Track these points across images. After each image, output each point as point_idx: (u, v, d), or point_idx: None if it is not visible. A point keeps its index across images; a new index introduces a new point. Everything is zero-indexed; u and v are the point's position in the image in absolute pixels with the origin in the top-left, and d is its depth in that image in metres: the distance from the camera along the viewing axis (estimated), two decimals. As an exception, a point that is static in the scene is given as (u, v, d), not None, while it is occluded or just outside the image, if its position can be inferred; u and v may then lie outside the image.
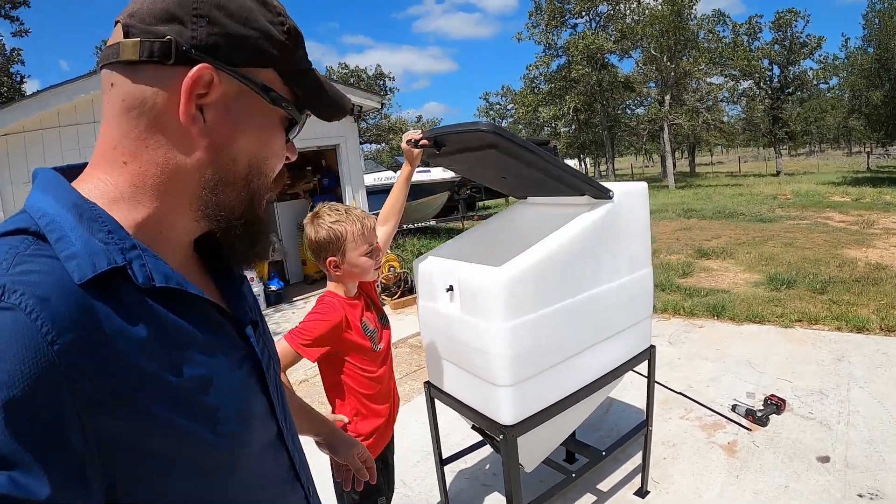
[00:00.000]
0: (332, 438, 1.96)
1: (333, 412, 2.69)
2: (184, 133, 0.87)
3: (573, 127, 43.76)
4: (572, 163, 67.50)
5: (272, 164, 1.01)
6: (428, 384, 3.52)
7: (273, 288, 12.14)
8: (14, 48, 22.69)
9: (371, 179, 16.76)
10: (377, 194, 15.62)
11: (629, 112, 44.27)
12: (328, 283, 2.71)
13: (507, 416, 2.81)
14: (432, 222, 19.17)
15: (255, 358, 1.04)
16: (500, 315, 2.68)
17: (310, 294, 12.52)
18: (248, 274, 11.51)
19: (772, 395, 4.99)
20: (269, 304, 11.92)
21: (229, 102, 0.90)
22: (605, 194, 3.19)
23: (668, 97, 36.36)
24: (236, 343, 1.01)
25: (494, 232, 3.92)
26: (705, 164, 69.68)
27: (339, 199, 12.66)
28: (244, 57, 0.90)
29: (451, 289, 2.98)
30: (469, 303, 2.86)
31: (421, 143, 2.92)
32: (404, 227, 17.75)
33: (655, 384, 3.81)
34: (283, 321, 10.70)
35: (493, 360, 2.76)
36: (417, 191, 16.90)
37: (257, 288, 11.68)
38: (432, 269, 3.20)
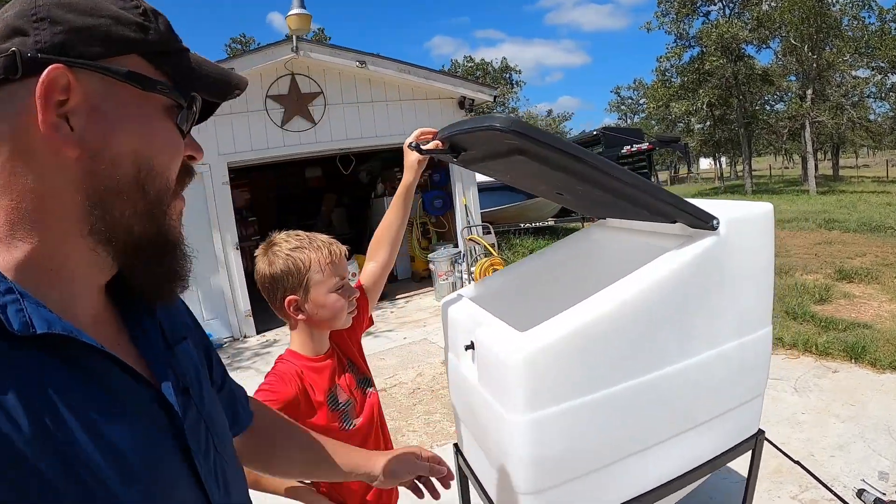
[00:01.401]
0: (376, 468, 1.61)
1: None
2: (52, 148, 0.79)
3: (707, 123, 41.96)
4: (706, 162, 65.52)
5: (164, 162, 0.90)
6: (456, 448, 2.94)
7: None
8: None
9: (486, 177, 16.11)
10: (491, 192, 15.19)
11: (768, 108, 41.62)
12: (292, 337, 2.13)
13: None
14: (551, 222, 18.48)
15: (178, 428, 0.93)
16: (519, 402, 1.99)
17: (415, 293, 12.19)
18: (350, 268, 11.34)
19: (912, 483, 3.95)
20: None
21: (97, 101, 0.82)
22: (704, 223, 2.30)
23: (809, 92, 33.67)
24: (148, 410, 0.89)
25: (559, 264, 3.17)
26: (850, 167, 64.76)
27: (450, 196, 12.59)
28: (100, 47, 0.82)
29: (470, 346, 2.35)
30: (486, 374, 2.21)
31: (427, 146, 2.26)
32: (521, 225, 17.20)
33: (774, 447, 3.00)
34: (380, 322, 10.29)
35: (509, 459, 2.10)
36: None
37: None
38: (457, 315, 2.57)
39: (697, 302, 2.31)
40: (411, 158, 2.28)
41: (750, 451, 2.79)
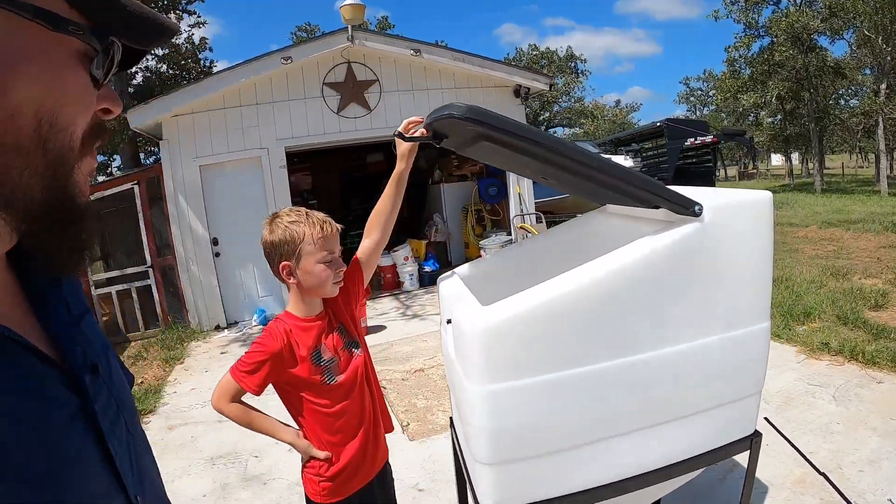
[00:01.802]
0: None
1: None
2: None
3: (778, 117, 40.64)
4: (777, 158, 63.42)
5: (71, 116, 0.76)
6: (451, 420, 3.03)
7: (427, 269, 12.24)
8: (202, 37, 24.09)
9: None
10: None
11: (841, 103, 40.32)
12: (288, 298, 2.46)
13: (486, 498, 2.21)
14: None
15: (89, 410, 0.85)
16: (478, 374, 2.05)
17: None
18: (403, 252, 11.66)
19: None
20: (421, 285, 12.09)
21: None
22: (685, 209, 2.22)
23: (883, 86, 32.11)
24: (55, 393, 0.81)
25: (554, 247, 3.19)
26: (925, 169, 62.54)
27: (505, 184, 12.66)
28: None
29: (450, 321, 2.45)
30: (458, 347, 2.27)
31: (413, 133, 2.42)
32: (577, 216, 17.17)
33: (800, 454, 2.93)
34: (429, 304, 10.52)
35: (470, 428, 2.18)
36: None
37: (411, 267, 11.82)
38: (446, 291, 2.68)
39: (675, 290, 2.24)
40: (402, 147, 2.44)
41: (747, 454, 2.65)
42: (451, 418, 3.06)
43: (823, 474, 3.97)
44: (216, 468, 5.18)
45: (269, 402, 2.44)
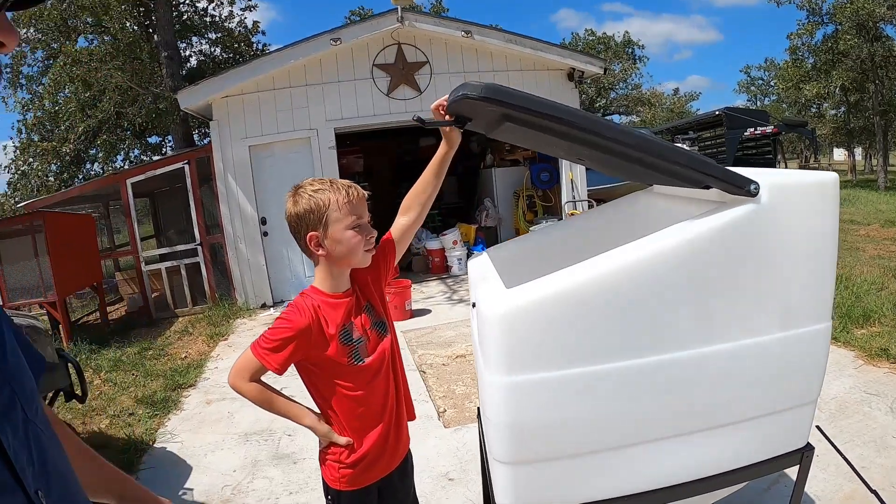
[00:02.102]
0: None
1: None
2: None
3: (841, 110, 39.43)
4: (839, 153, 61.54)
5: None
6: (478, 411, 2.82)
7: (476, 253, 11.85)
8: (255, 21, 24.26)
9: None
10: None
11: (908, 96, 38.90)
12: (315, 273, 2.29)
13: (502, 498, 2.08)
14: (660, 203, 18.05)
15: None
16: (497, 363, 1.90)
17: None
18: (452, 236, 11.59)
19: None
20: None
21: None
22: (739, 188, 1.97)
23: None
24: None
25: (593, 228, 2.98)
26: None
27: (557, 170, 12.53)
28: None
29: (475, 305, 2.31)
30: (481, 333, 2.10)
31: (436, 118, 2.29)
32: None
33: (852, 469, 2.59)
34: None
35: (489, 423, 2.02)
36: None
37: (460, 252, 11.74)
38: (474, 273, 2.52)
39: (722, 279, 2.01)
40: (446, 131, 2.33)
41: (796, 468, 2.37)
42: (478, 409, 2.88)
43: (875, 492, 3.56)
44: (249, 444, 5.19)
45: (287, 384, 2.36)
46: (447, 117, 2.25)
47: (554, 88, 11.47)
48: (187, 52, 22.68)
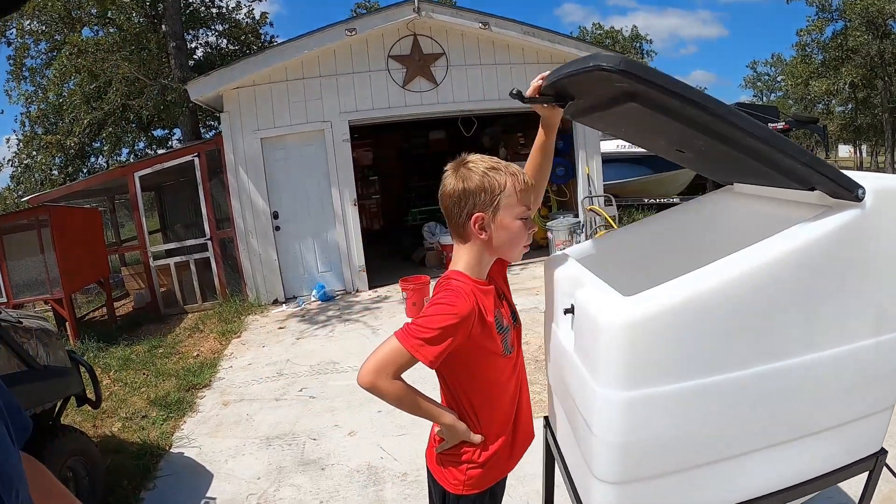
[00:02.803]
0: None
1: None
2: None
3: (850, 106, 39.44)
4: (845, 150, 61.77)
5: None
6: (546, 422, 2.73)
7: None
8: (263, 12, 23.98)
9: (613, 146, 15.67)
10: (615, 164, 14.77)
11: (917, 93, 38.84)
12: (455, 257, 2.09)
13: None
14: (676, 199, 17.87)
15: None
16: (614, 376, 1.73)
17: (531, 260, 11.51)
18: None
19: None
20: None
21: None
22: (848, 192, 1.92)
23: None
24: None
25: (678, 229, 2.85)
26: None
27: (573, 165, 12.35)
28: None
29: (570, 310, 2.11)
30: (582, 342, 1.96)
31: (529, 93, 2.12)
32: (645, 200, 16.71)
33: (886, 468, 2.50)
34: None
35: (594, 441, 1.84)
36: (662, 163, 15.48)
37: None
38: (560, 276, 2.34)
39: (831, 285, 1.96)
40: (543, 117, 2.21)
41: (866, 475, 2.36)
42: (545, 418, 2.76)
43: None
44: (272, 449, 4.96)
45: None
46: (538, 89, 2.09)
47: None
48: (193, 45, 22.46)
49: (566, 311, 2.14)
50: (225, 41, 23.73)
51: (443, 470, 2.12)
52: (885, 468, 3.15)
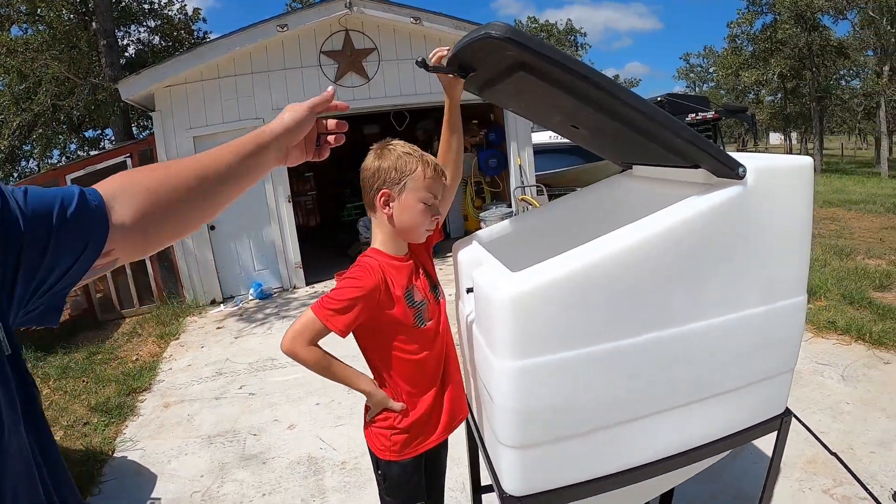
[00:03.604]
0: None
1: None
2: None
3: (779, 96, 40.57)
4: (776, 137, 63.41)
5: None
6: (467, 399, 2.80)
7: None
8: (196, 8, 23.66)
9: (546, 137, 15.92)
10: (548, 154, 14.96)
11: (843, 83, 40.10)
12: (374, 235, 2.28)
13: (509, 483, 2.03)
14: (605, 188, 18.10)
15: None
16: (506, 347, 1.85)
17: None
18: None
19: (951, 492, 3.52)
20: None
21: None
22: (730, 170, 2.05)
23: (886, 68, 31.98)
24: None
25: (579, 211, 2.99)
26: (925, 152, 62.24)
27: (505, 156, 12.57)
28: None
29: (471, 290, 2.24)
30: (480, 317, 2.08)
31: (433, 62, 2.23)
32: (578, 190, 16.94)
33: (811, 435, 2.74)
34: None
35: (495, 408, 1.98)
36: (592, 153, 15.62)
37: None
38: (464, 257, 2.50)
39: (715, 258, 2.09)
40: (444, 81, 2.27)
41: (774, 435, 2.53)
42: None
43: (835, 454, 3.81)
44: (213, 447, 5.01)
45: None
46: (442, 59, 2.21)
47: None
48: (125, 41, 22.01)
49: (468, 291, 2.27)
50: (157, 38, 23.33)
51: (371, 437, 2.28)
52: (805, 428, 3.40)
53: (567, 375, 1.90)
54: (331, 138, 1.61)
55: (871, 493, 3.66)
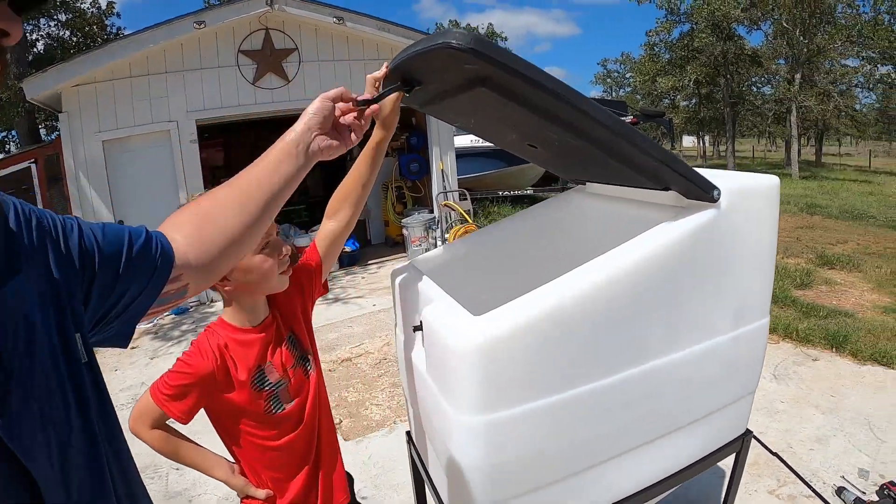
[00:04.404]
0: None
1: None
2: None
3: (693, 101, 41.94)
4: (689, 140, 65.41)
5: None
6: (409, 436, 2.65)
7: (347, 249, 11.65)
8: (109, 2, 22.83)
9: (467, 141, 15.78)
10: (469, 157, 14.86)
11: (755, 89, 41.60)
12: (223, 303, 1.94)
13: None
14: (530, 191, 18.14)
15: None
16: (471, 401, 1.65)
17: (387, 258, 11.92)
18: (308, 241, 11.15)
19: (892, 483, 3.64)
20: (340, 266, 11.55)
21: None
22: (704, 192, 1.95)
23: (798, 76, 33.71)
24: None
25: (531, 233, 2.81)
26: (832, 155, 64.09)
27: (427, 160, 12.43)
28: None
29: (419, 328, 2.00)
30: (434, 363, 1.86)
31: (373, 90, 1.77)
32: (500, 193, 16.93)
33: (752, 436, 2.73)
34: (350, 286, 10.17)
35: (460, 464, 1.77)
36: (515, 156, 15.62)
37: None
38: (407, 289, 2.26)
39: (690, 286, 1.99)
40: (384, 110, 1.84)
41: (734, 455, 2.50)
42: (408, 433, 2.68)
43: (776, 454, 3.99)
44: (132, 483, 4.62)
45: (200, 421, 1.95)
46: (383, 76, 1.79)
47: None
48: (34, 36, 21.06)
49: (415, 329, 2.03)
50: (68, 32, 22.44)
51: None
52: (752, 435, 3.40)
53: (539, 426, 1.74)
54: (347, 118, 1.50)
55: (815, 491, 3.77)
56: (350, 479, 2.24)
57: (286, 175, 1.32)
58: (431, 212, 12.12)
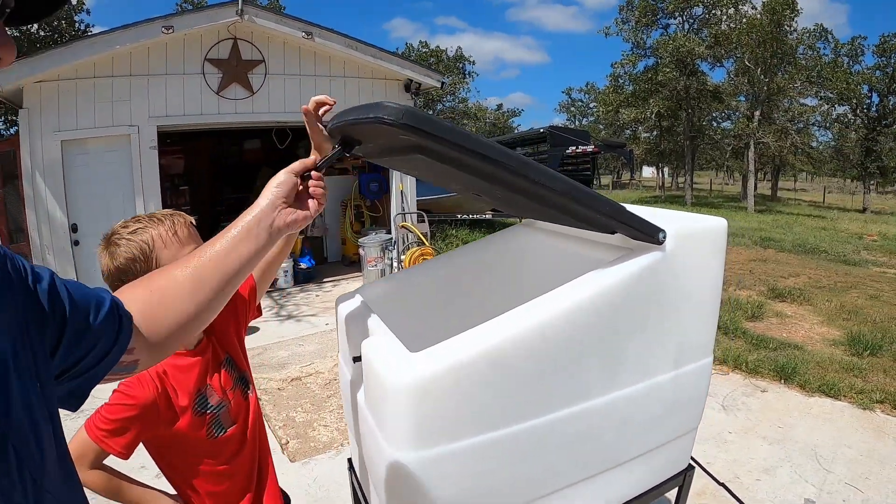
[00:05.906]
0: None
1: None
2: None
3: (655, 133, 42.74)
4: (649, 171, 66.33)
5: None
6: (350, 463, 2.62)
7: (303, 266, 11.75)
8: (79, -2, 22.66)
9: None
10: (430, 180, 14.94)
11: (715, 124, 42.54)
12: None
13: None
14: (488, 215, 18.23)
15: None
16: (403, 438, 1.65)
17: (343, 277, 11.95)
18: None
19: (837, 514, 3.78)
20: (296, 283, 11.58)
21: None
22: (649, 236, 1.98)
23: (757, 113, 34.72)
24: None
25: (477, 266, 2.83)
26: (788, 190, 66.30)
27: (387, 180, 12.42)
28: None
29: (359, 359, 2.00)
30: (371, 395, 1.85)
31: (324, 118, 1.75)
32: (458, 217, 17.00)
33: (699, 467, 2.76)
34: (304, 304, 10.09)
35: (393, 500, 1.78)
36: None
37: (286, 264, 11.36)
38: (350, 319, 2.23)
39: (631, 327, 2.01)
40: (317, 139, 1.76)
41: (677, 490, 2.52)
42: (349, 460, 2.65)
43: (723, 485, 3.98)
44: None
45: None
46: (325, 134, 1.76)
47: (390, 97, 11.30)
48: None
49: (355, 360, 2.05)
50: (35, 26, 22.12)
51: None
52: (699, 466, 3.44)
53: (475, 461, 1.73)
54: (312, 189, 1.53)
55: (762, 522, 3.73)
56: (287, 499, 2.20)
57: (244, 257, 1.28)
58: (389, 232, 12.11)
